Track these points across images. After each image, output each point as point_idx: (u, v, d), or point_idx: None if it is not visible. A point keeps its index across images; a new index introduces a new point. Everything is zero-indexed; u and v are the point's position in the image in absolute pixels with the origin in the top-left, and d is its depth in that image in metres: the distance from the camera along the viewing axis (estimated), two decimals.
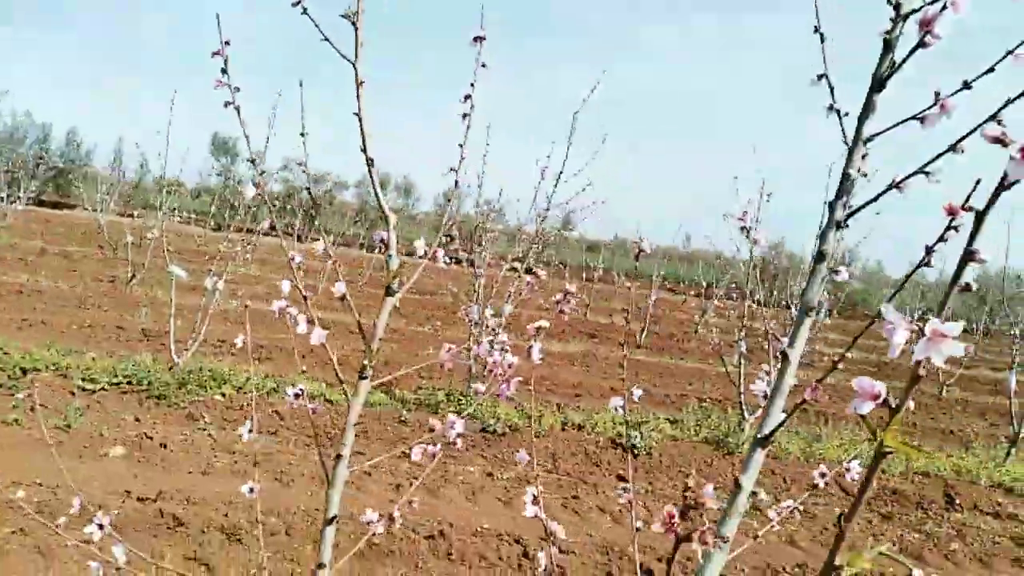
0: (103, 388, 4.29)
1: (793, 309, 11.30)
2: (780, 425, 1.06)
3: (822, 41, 1.13)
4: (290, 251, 1.22)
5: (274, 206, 1.31)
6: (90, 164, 20.71)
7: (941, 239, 0.84)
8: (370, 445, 4.19)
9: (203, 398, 4.41)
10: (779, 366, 1.07)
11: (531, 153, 5.09)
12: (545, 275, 1.43)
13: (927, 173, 1.01)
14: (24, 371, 4.22)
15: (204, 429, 4.05)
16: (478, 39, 1.44)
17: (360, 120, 1.15)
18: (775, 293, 9.38)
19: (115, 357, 4.91)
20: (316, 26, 1.15)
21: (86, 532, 1.08)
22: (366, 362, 1.11)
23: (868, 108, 1.02)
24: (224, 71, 1.10)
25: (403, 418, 4.54)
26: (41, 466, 3.19)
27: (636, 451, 4.57)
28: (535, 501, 1.25)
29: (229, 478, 3.46)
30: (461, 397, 4.94)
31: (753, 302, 5.34)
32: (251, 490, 1.37)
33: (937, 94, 0.99)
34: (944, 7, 0.92)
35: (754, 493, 1.07)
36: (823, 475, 1.18)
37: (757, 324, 9.15)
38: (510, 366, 1.31)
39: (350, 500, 3.45)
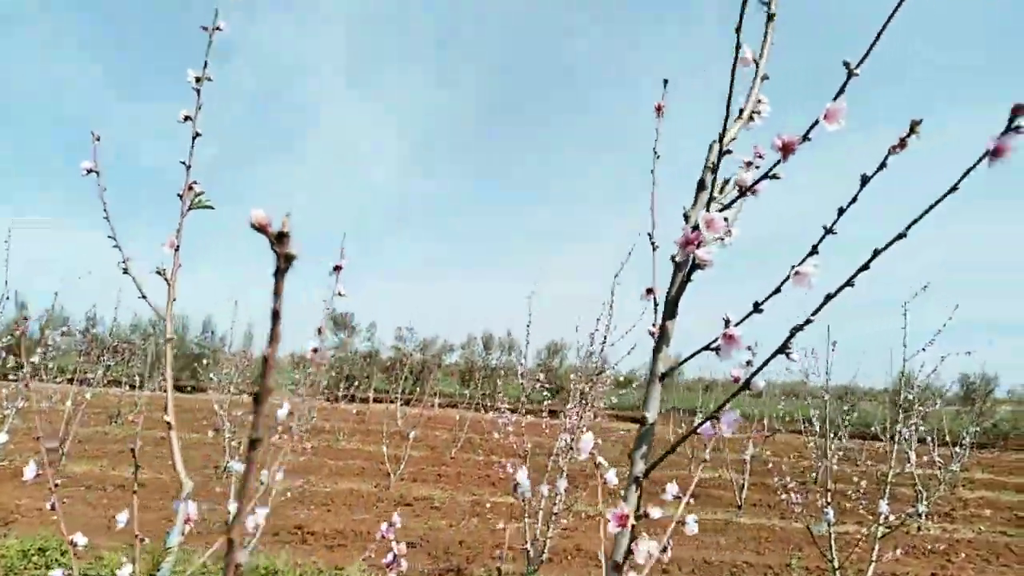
0: None
1: (926, 448, 10.17)
2: None
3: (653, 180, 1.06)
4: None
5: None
6: (223, 349, 22.29)
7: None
8: None
9: None
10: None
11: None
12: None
13: (716, 349, 0.86)
14: None
15: None
16: (337, 268, 1.42)
17: (167, 385, 1.12)
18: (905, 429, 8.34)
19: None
20: (134, 282, 1.16)
21: None
22: None
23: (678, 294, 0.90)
24: (113, 237, 1.11)
25: None
26: None
27: None
28: None
29: None
30: None
31: (833, 461, 4.80)
32: None
33: (727, 321, 0.86)
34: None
35: None
36: None
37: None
38: None
39: None
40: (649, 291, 1.01)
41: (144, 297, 1.13)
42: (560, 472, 4.79)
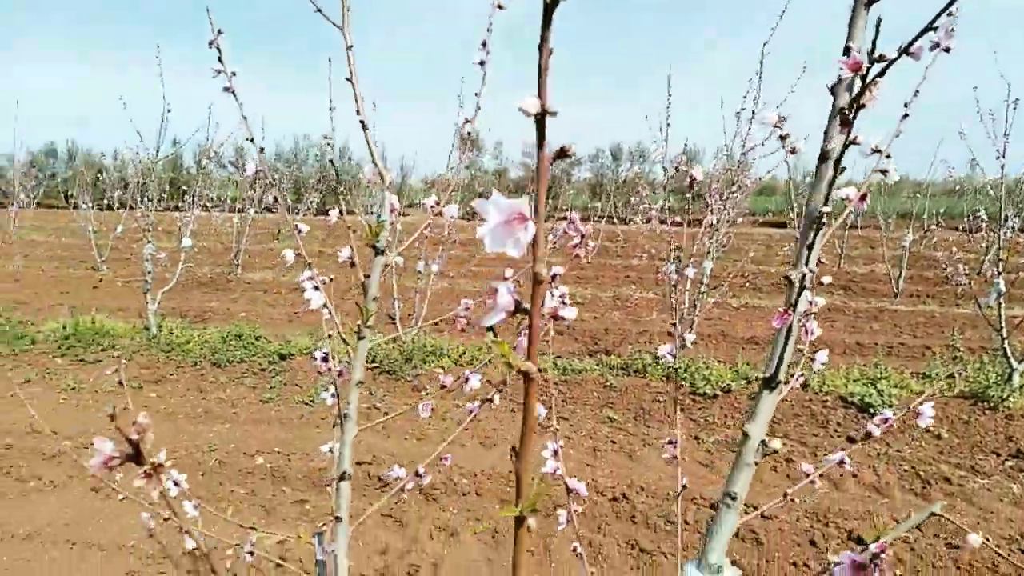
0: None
1: None
2: (780, 365, 0.89)
3: None
4: (295, 223, 1.27)
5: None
6: (361, 173, 23.14)
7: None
8: (576, 411, 4.24)
9: (425, 371, 4.77)
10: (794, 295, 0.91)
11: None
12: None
13: (934, 28, 0.78)
14: (282, 356, 4.89)
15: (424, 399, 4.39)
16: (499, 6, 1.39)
17: (353, 85, 1.16)
18: None
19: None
20: None
21: (165, 487, 1.23)
22: (360, 323, 1.13)
23: None
24: (220, 59, 1.18)
25: (608, 383, 4.52)
26: (283, 437, 3.70)
27: (873, 411, 4.10)
28: (555, 455, 1.19)
29: (439, 444, 3.73)
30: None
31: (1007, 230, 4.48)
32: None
33: None
34: None
35: (764, 443, 0.91)
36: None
37: None
38: None
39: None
40: None
41: (319, 10, 1.15)
42: (706, 254, 4.79)
